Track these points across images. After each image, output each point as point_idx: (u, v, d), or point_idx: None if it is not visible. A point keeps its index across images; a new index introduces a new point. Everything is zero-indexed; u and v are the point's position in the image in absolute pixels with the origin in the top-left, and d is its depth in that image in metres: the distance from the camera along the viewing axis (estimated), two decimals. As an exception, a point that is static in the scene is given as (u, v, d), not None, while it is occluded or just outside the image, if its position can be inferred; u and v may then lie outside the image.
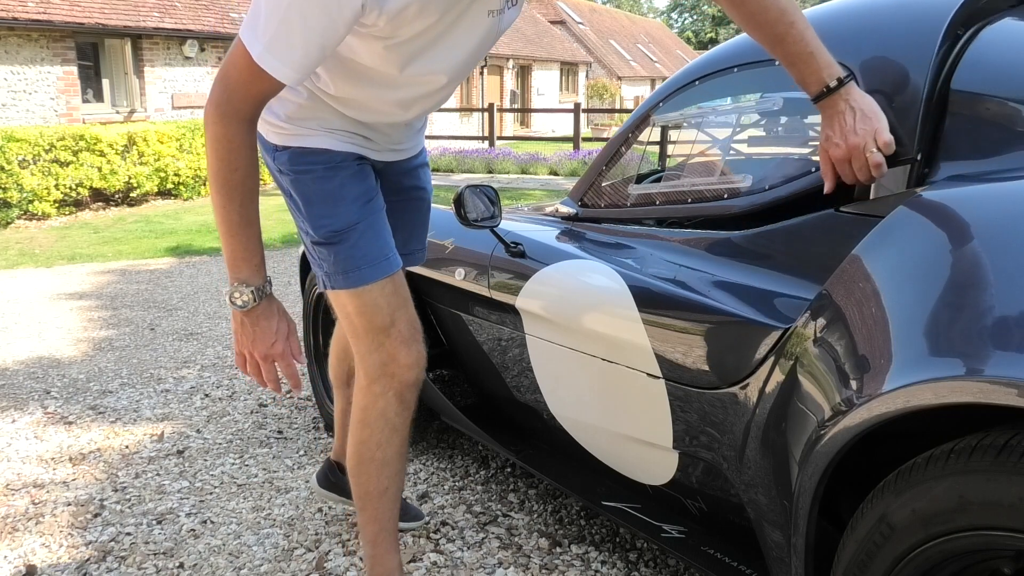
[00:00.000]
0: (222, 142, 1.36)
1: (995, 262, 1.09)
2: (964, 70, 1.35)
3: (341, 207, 1.62)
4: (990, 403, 1.00)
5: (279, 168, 1.64)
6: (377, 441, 1.73)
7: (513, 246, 2.15)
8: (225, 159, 1.37)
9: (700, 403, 1.63)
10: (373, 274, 1.65)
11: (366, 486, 1.78)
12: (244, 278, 1.44)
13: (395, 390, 1.70)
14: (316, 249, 1.66)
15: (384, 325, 1.66)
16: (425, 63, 1.46)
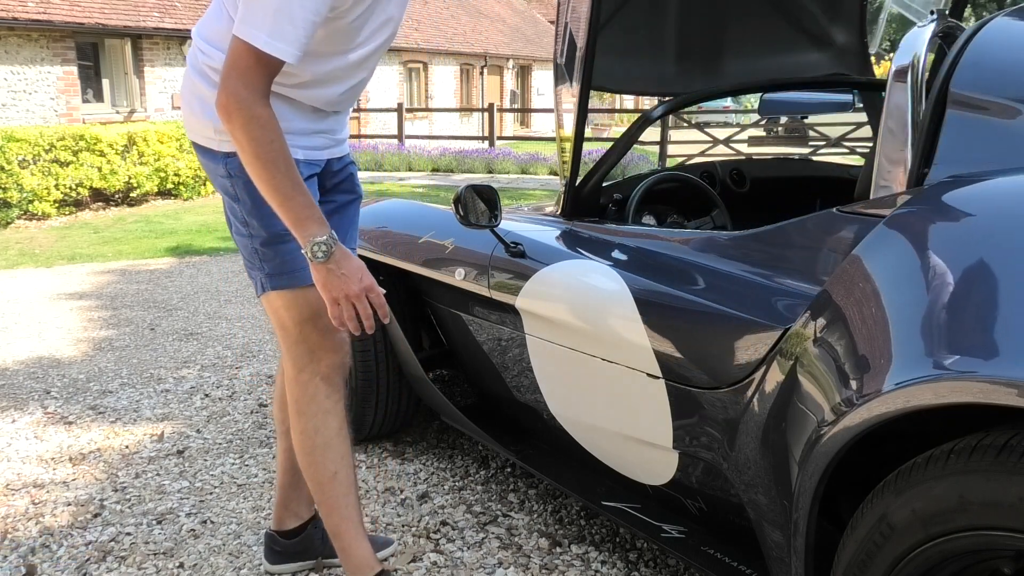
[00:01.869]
0: (253, 122, 1.50)
1: (995, 262, 1.09)
2: (964, 70, 1.35)
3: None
4: (990, 403, 1.00)
5: (228, 173, 1.70)
6: (315, 426, 1.80)
7: (513, 246, 2.15)
8: (260, 136, 1.51)
9: (700, 403, 1.63)
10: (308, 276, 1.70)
11: (318, 475, 1.83)
12: (314, 232, 1.56)
13: (321, 373, 1.78)
14: (262, 251, 1.73)
15: (311, 316, 1.75)
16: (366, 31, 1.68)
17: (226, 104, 1.51)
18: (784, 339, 1.43)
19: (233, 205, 1.74)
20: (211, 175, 1.77)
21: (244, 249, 1.77)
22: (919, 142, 1.35)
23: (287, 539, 2.04)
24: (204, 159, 1.76)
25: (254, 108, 1.50)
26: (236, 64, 1.50)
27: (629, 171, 9.07)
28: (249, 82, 1.50)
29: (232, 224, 1.79)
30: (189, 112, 1.74)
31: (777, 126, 13.41)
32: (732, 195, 2.50)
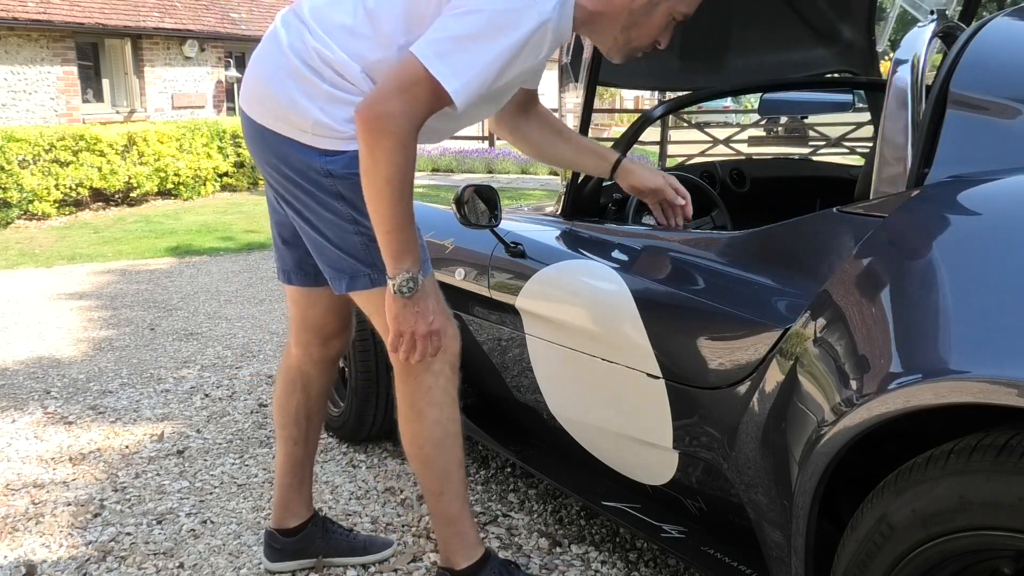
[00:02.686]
0: (400, 149, 1.46)
1: (995, 262, 1.09)
2: (964, 70, 1.35)
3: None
4: (990, 403, 1.00)
5: (328, 172, 1.62)
6: (448, 416, 1.77)
7: (513, 246, 2.15)
8: (402, 164, 1.48)
9: (700, 403, 1.63)
10: (429, 265, 1.70)
11: (447, 464, 1.79)
12: (407, 267, 1.55)
13: (449, 363, 1.76)
14: (374, 248, 1.63)
15: (441, 304, 1.72)
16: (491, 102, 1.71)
17: (377, 121, 1.45)
18: (784, 339, 1.43)
19: (332, 203, 1.64)
20: (288, 167, 1.66)
21: (346, 245, 1.67)
22: (919, 142, 1.35)
23: (287, 537, 2.04)
24: (284, 150, 1.64)
25: (408, 135, 1.46)
26: (406, 87, 1.45)
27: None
28: (414, 110, 1.45)
29: (316, 220, 1.68)
30: (278, 101, 1.62)
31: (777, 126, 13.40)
32: (732, 195, 2.50)
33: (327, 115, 1.60)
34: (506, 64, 1.47)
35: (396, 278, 1.55)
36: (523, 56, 1.48)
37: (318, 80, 1.59)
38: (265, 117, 1.66)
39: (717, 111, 17.81)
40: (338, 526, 2.12)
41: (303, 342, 1.96)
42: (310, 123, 1.60)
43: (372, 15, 1.58)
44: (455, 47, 1.43)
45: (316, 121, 1.60)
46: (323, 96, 1.59)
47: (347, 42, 1.59)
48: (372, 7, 1.58)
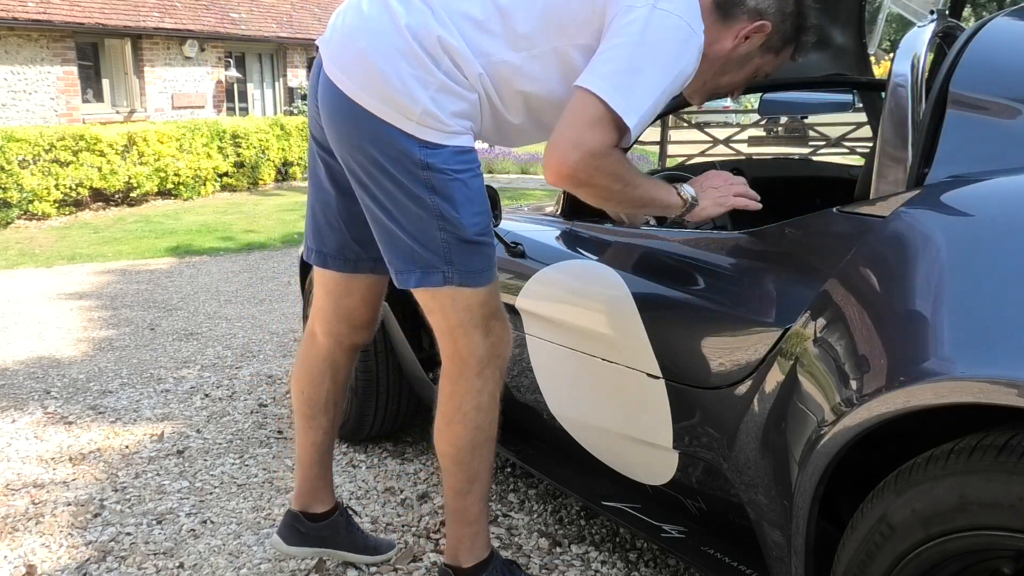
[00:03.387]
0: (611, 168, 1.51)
1: (995, 262, 1.09)
2: (964, 70, 1.35)
3: (485, 205, 1.67)
4: (990, 403, 1.00)
5: (427, 164, 1.56)
6: (491, 420, 1.76)
7: (513, 246, 2.15)
8: (622, 175, 1.53)
9: (700, 403, 1.63)
10: (495, 274, 1.71)
11: (479, 466, 1.78)
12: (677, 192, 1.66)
13: (500, 368, 1.75)
14: (456, 245, 1.61)
15: (497, 308, 1.72)
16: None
17: (577, 175, 1.49)
18: (784, 339, 1.43)
19: (423, 196, 1.58)
20: (380, 152, 1.57)
21: (426, 240, 1.61)
22: (919, 142, 1.35)
23: (313, 522, 2.03)
24: (381, 133, 1.56)
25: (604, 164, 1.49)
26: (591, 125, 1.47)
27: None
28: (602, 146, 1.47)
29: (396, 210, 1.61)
30: (386, 81, 1.53)
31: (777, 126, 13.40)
32: None
33: (437, 105, 1.54)
34: (670, 95, 1.52)
35: (687, 204, 1.66)
36: (684, 78, 1.52)
37: (435, 67, 1.53)
38: (365, 97, 1.55)
39: (717, 111, 17.80)
40: (359, 525, 2.12)
41: (333, 332, 1.92)
42: (419, 111, 1.53)
43: (505, 13, 1.54)
44: (631, 81, 1.46)
45: (425, 110, 1.53)
46: (437, 85, 1.53)
47: (473, 35, 1.54)
48: (505, 5, 1.54)
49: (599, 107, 1.45)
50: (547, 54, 1.56)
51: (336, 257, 1.84)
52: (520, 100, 1.62)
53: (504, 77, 1.58)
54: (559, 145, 1.47)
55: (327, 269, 1.87)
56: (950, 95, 1.34)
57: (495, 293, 1.71)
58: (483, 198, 1.65)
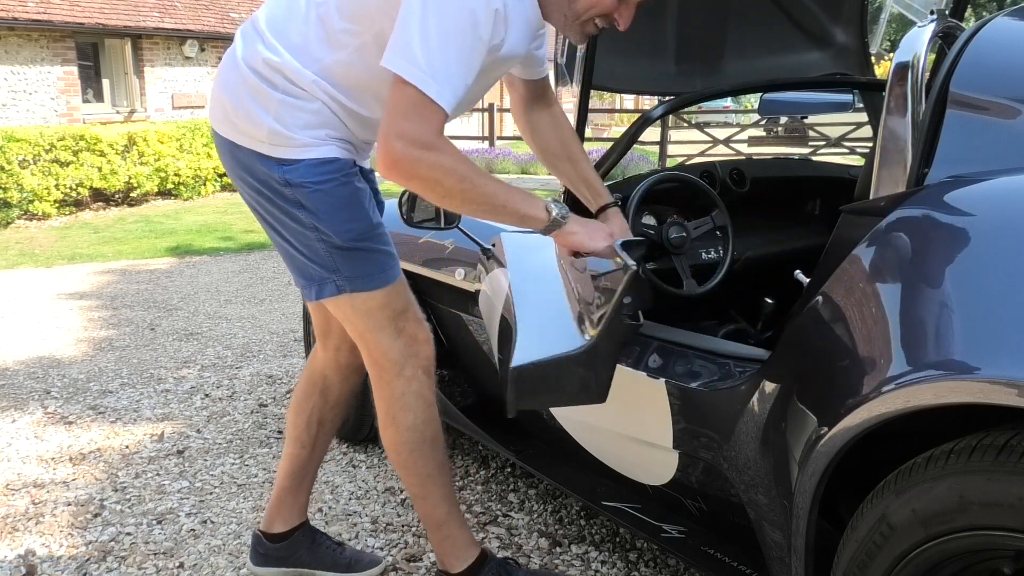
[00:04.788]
0: (436, 164, 1.45)
1: (995, 262, 1.09)
2: (964, 70, 1.35)
3: (361, 211, 1.67)
4: (990, 403, 1.00)
5: (286, 182, 1.62)
6: (424, 419, 1.77)
7: (488, 247, 2.15)
8: (455, 170, 1.47)
9: (700, 403, 1.63)
10: (391, 276, 1.71)
11: (426, 468, 1.80)
12: (543, 212, 1.58)
13: (422, 367, 1.76)
14: (335, 254, 1.66)
15: (403, 309, 1.73)
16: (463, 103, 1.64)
17: (401, 164, 1.43)
18: (784, 339, 1.43)
19: (293, 212, 1.65)
20: (253, 178, 1.66)
21: (311, 253, 1.67)
22: (919, 142, 1.35)
23: (272, 542, 2.02)
24: (247, 161, 1.65)
25: (432, 150, 1.44)
26: (406, 115, 1.42)
27: (629, 171, 9.07)
28: (424, 129, 1.43)
29: (283, 229, 1.69)
30: (235, 112, 1.64)
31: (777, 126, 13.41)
32: (732, 195, 2.50)
33: (281, 123, 1.60)
34: (475, 56, 1.44)
35: (549, 224, 1.58)
36: (483, 42, 1.44)
37: (269, 89, 1.60)
38: (227, 129, 1.67)
39: (717, 111, 17.82)
40: (327, 538, 2.07)
41: (331, 347, 1.94)
42: (265, 132, 1.61)
43: (323, 18, 1.58)
44: (428, 53, 1.40)
45: (271, 130, 1.60)
46: (275, 104, 1.59)
47: (299, 48, 1.59)
48: (323, 11, 1.58)
49: (409, 91, 1.41)
50: (369, 43, 1.55)
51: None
52: (368, 94, 1.62)
53: (342, 76, 1.60)
54: (383, 135, 1.44)
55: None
56: (950, 95, 1.34)
57: (396, 294, 1.72)
58: (355, 205, 1.65)
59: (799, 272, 1.71)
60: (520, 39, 1.56)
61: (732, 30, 2.68)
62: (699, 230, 2.28)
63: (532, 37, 1.61)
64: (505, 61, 1.58)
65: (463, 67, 1.43)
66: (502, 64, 1.60)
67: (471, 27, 1.41)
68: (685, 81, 2.70)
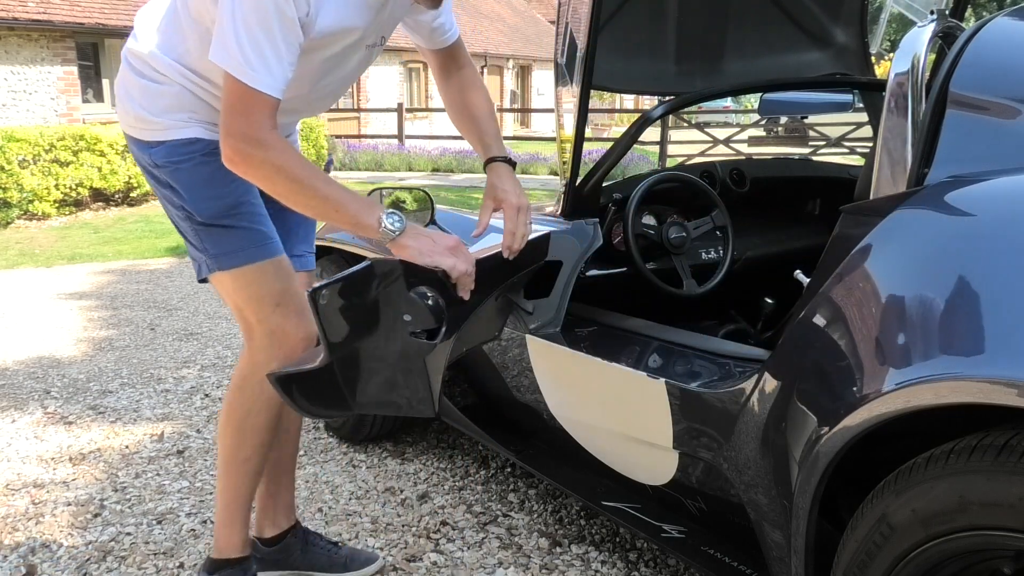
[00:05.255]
0: (270, 155, 1.48)
1: (995, 262, 1.09)
2: (964, 70, 1.35)
3: (222, 188, 1.67)
4: (990, 403, 1.00)
5: (154, 163, 1.68)
6: (249, 408, 1.77)
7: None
8: (284, 168, 1.49)
9: (700, 403, 1.63)
10: (258, 254, 1.69)
11: (230, 451, 1.81)
12: (377, 218, 1.54)
13: (280, 361, 1.72)
14: (200, 232, 1.69)
15: (272, 297, 1.71)
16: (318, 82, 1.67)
17: (235, 155, 1.48)
18: (784, 339, 1.43)
19: (166, 193, 1.71)
20: (139, 164, 1.74)
21: (187, 232, 1.73)
22: (919, 142, 1.35)
23: (267, 546, 2.02)
24: (132, 148, 1.73)
25: (264, 144, 1.47)
26: (234, 107, 1.46)
27: (629, 171, 9.08)
28: (253, 123, 1.46)
29: (169, 210, 1.76)
30: (119, 103, 1.71)
31: (777, 126, 13.41)
32: (732, 195, 2.50)
33: (144, 108, 1.65)
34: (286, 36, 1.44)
35: (381, 231, 1.54)
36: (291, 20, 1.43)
37: (135, 76, 1.66)
38: (120, 120, 1.74)
39: (717, 111, 17.82)
40: (321, 539, 2.07)
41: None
42: (133, 117, 1.67)
43: (178, 8, 1.62)
44: (240, 42, 1.42)
45: (136, 115, 1.66)
46: (138, 90, 1.65)
47: (160, 36, 1.63)
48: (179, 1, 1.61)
49: (234, 83, 1.44)
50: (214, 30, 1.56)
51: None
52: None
53: (198, 61, 1.62)
54: (221, 130, 1.49)
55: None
56: (950, 95, 1.34)
57: (268, 274, 1.70)
58: (216, 182, 1.66)
59: (799, 272, 1.71)
60: (342, 10, 1.53)
61: (732, 30, 2.68)
62: (699, 230, 2.28)
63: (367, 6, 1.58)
64: (339, 34, 1.56)
65: (275, 49, 1.43)
66: (341, 37, 1.57)
67: (272, 8, 1.41)
68: (685, 81, 2.70)
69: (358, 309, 1.45)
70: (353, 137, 15.46)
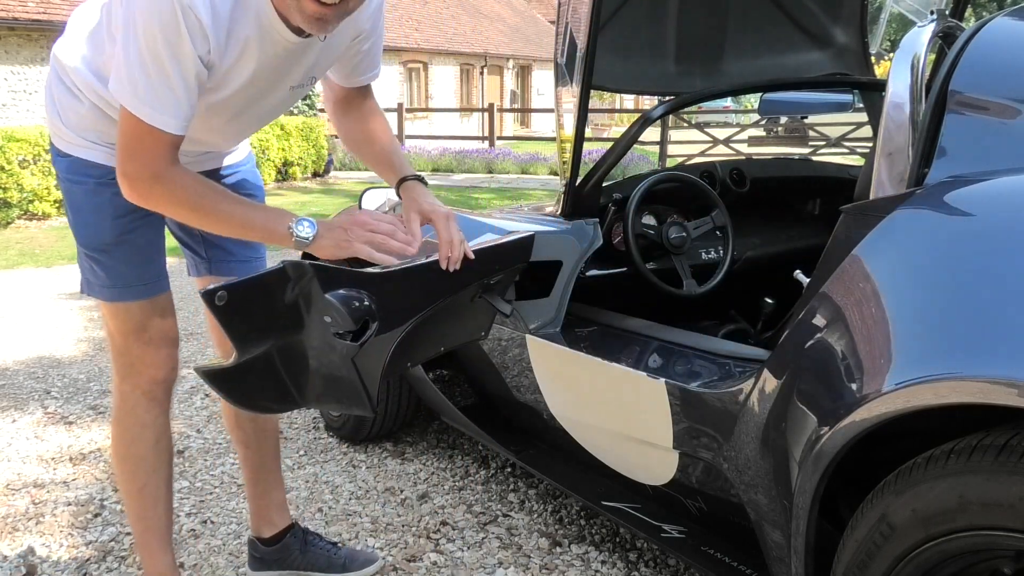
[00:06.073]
0: (167, 195, 1.46)
1: (995, 262, 1.09)
2: (964, 70, 1.35)
3: (105, 223, 1.65)
4: (990, 403, 1.00)
5: (58, 171, 1.67)
6: (131, 438, 1.78)
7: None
8: (186, 199, 1.46)
9: (700, 403, 1.63)
10: (128, 295, 1.69)
11: (126, 482, 1.82)
12: (287, 227, 1.49)
13: (142, 388, 1.76)
14: (83, 257, 1.71)
15: (134, 329, 1.72)
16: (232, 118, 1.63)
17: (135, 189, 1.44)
18: (784, 339, 1.43)
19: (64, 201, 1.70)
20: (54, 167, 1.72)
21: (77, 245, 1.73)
22: (919, 142, 1.35)
23: (266, 546, 2.02)
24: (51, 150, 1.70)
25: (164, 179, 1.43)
26: (131, 141, 1.41)
27: (629, 171, 9.08)
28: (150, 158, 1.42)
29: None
30: (45, 100, 1.69)
31: (777, 126, 13.41)
32: (732, 195, 2.50)
33: (59, 116, 1.63)
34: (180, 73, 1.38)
35: (294, 241, 1.48)
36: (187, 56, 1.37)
37: (56, 80, 1.63)
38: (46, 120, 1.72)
39: (717, 111, 17.81)
40: (320, 539, 2.07)
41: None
42: (50, 122, 1.66)
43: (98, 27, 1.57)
44: (133, 77, 1.37)
45: (52, 121, 1.65)
46: (59, 95, 1.62)
47: (85, 46, 1.59)
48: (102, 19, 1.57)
49: (132, 120, 1.39)
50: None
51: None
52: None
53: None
54: (117, 163, 1.44)
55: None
56: (950, 95, 1.34)
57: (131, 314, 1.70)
58: (101, 213, 1.64)
59: (799, 272, 1.71)
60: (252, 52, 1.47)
61: (732, 30, 2.68)
62: (699, 230, 2.28)
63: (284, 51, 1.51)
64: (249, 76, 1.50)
65: (170, 86, 1.38)
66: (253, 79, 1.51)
67: (165, 45, 1.36)
68: (685, 81, 2.70)
69: (270, 310, 1.44)
70: (353, 137, 15.43)
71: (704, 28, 2.64)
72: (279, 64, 1.53)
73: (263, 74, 1.52)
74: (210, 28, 1.37)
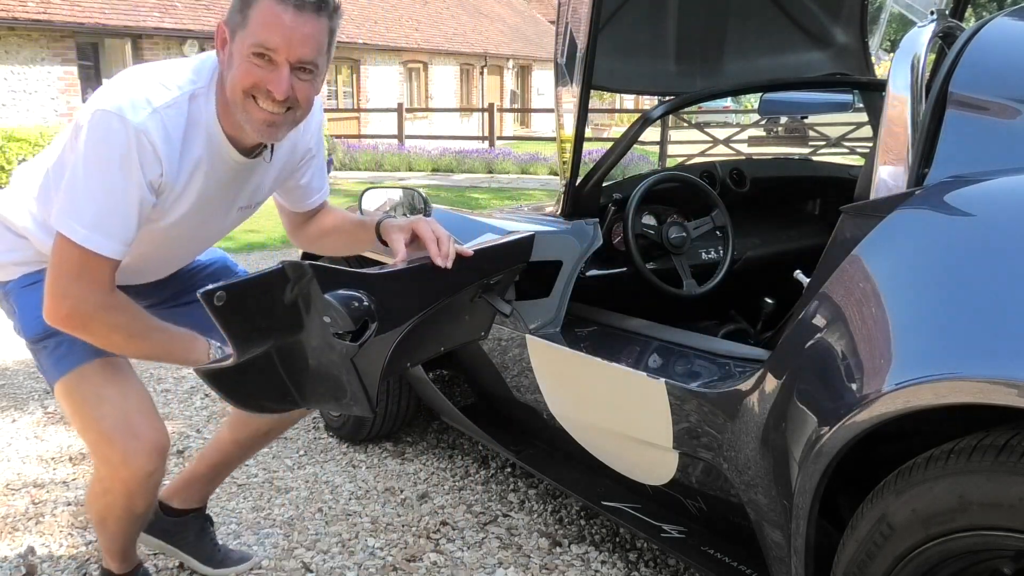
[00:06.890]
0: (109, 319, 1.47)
1: (994, 262, 1.09)
2: (964, 70, 1.35)
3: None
4: (990, 403, 1.00)
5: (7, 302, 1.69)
6: (103, 516, 1.75)
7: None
8: (122, 322, 1.48)
9: (700, 403, 1.63)
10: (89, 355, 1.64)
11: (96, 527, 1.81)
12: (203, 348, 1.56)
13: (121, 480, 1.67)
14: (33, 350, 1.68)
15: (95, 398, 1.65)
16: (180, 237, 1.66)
17: (71, 320, 1.44)
18: (784, 339, 1.43)
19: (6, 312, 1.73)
20: None
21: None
22: (919, 142, 1.35)
23: (166, 515, 2.03)
24: None
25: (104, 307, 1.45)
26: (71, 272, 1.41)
27: (629, 171, 9.08)
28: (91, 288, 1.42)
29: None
30: None
31: (777, 126, 13.41)
32: (732, 195, 2.50)
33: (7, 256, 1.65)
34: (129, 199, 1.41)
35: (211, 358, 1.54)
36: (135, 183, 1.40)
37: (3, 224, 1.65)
38: None
39: (717, 111, 17.82)
40: (212, 533, 2.09)
41: None
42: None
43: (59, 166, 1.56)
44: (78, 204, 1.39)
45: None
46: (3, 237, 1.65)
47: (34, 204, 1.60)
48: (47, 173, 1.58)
49: (75, 250, 1.40)
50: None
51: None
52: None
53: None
54: (50, 291, 1.43)
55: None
56: (950, 95, 1.34)
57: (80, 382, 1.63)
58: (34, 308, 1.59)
59: (799, 272, 1.71)
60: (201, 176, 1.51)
61: (732, 30, 2.68)
62: (699, 230, 2.28)
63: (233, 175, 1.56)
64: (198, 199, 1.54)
65: (117, 211, 1.40)
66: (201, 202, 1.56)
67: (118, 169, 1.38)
68: (685, 81, 2.70)
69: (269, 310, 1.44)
70: (353, 137, 15.47)
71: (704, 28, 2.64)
72: (226, 184, 1.59)
73: (209, 194, 1.57)
74: (163, 151, 1.42)
